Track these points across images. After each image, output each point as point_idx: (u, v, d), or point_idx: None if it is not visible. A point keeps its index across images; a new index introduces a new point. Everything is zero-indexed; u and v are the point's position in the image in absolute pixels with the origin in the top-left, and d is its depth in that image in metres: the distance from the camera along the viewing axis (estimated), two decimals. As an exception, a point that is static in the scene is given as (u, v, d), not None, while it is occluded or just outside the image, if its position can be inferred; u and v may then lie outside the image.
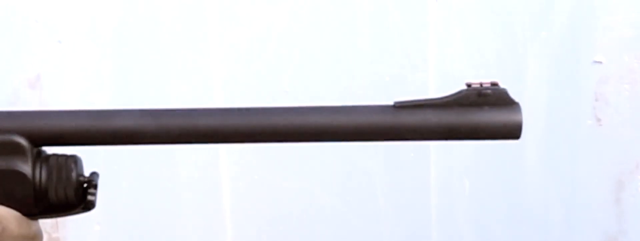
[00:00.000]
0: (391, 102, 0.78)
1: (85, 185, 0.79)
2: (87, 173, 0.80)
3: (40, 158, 0.77)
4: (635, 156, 1.78)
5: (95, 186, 0.79)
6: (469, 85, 0.78)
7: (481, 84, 0.77)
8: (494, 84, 0.78)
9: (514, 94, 0.79)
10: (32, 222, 0.75)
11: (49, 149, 0.79)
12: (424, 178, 1.73)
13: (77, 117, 0.78)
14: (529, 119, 1.71)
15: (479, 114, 0.77)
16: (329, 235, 1.74)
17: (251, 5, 1.59)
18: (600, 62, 1.70)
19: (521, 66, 1.69)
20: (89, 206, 0.78)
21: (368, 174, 1.72)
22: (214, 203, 1.69)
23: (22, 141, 0.76)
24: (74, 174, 0.78)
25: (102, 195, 1.77)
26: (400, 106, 0.77)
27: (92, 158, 1.63)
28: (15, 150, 0.75)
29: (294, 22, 1.60)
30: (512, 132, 0.77)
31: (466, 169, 1.74)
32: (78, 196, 0.78)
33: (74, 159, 0.79)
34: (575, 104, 1.73)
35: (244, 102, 1.65)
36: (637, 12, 1.69)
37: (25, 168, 0.75)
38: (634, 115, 1.75)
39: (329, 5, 1.60)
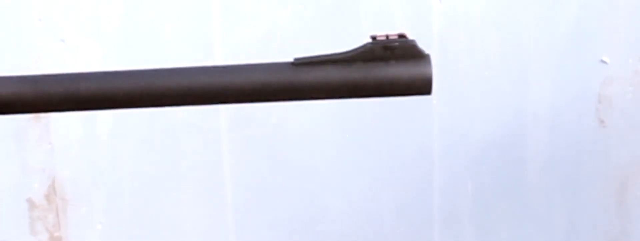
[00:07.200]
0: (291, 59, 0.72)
1: None
2: None
3: None
4: (638, 158, 1.78)
5: None
6: (374, 38, 0.71)
7: (387, 37, 0.70)
8: (402, 36, 0.71)
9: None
10: None
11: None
12: (427, 179, 1.73)
13: None
14: (532, 120, 1.72)
15: (385, 69, 0.71)
16: (331, 235, 1.74)
17: (254, 6, 1.58)
18: (605, 64, 1.70)
19: (525, 67, 1.69)
20: None
21: (371, 174, 1.71)
22: (216, 203, 1.69)
23: None
24: None
25: (104, 195, 1.77)
26: (300, 63, 0.72)
27: (94, 159, 1.63)
28: None
29: (298, 22, 1.59)
30: (422, 87, 0.72)
31: (469, 170, 1.74)
32: None
33: None
34: (578, 106, 1.73)
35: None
36: (641, 13, 1.69)
37: None
38: (637, 117, 1.75)
39: (333, 5, 1.60)
